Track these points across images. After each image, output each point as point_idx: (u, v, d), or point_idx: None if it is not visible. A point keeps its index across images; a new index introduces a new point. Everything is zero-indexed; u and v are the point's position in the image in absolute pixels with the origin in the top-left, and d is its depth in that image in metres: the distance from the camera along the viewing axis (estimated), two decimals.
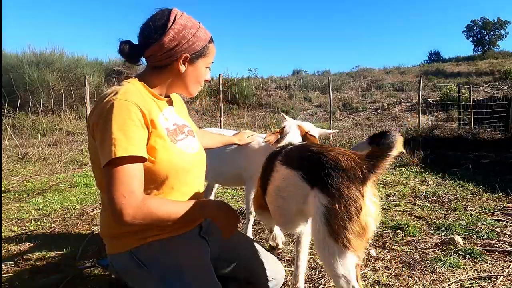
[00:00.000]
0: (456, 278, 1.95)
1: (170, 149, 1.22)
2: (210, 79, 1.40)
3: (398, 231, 2.64)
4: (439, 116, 12.69)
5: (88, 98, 7.55)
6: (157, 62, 1.25)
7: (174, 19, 1.21)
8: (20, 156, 5.96)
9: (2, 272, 2.11)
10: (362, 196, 1.12)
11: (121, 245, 1.25)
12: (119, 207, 1.04)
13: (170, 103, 1.38)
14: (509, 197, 3.46)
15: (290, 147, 1.48)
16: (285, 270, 1.90)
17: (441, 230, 2.66)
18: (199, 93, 13.26)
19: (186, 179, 1.30)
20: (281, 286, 1.72)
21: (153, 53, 1.22)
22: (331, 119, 9.44)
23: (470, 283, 1.91)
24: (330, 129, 2.52)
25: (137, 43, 1.26)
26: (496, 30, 38.54)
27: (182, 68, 1.26)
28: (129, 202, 1.05)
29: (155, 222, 1.14)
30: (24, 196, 3.89)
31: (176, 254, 1.26)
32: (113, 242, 1.28)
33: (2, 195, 3.88)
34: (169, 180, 1.23)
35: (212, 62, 1.36)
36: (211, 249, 1.43)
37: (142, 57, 1.27)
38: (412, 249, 2.34)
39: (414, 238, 2.52)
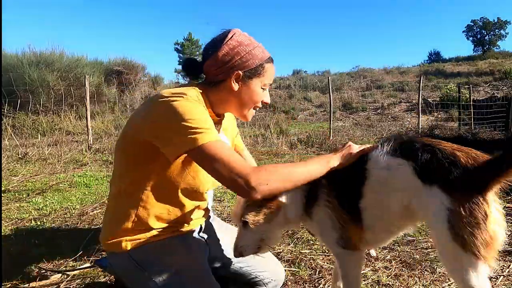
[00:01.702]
0: None
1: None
2: (269, 100, 1.37)
3: None
4: (439, 116, 12.69)
5: (88, 98, 7.54)
6: (212, 77, 1.25)
7: (232, 36, 1.24)
8: (20, 156, 5.96)
9: (2, 272, 2.11)
10: (486, 202, 1.00)
11: (120, 244, 1.25)
12: (241, 177, 1.04)
13: (219, 121, 1.37)
14: (509, 197, 3.45)
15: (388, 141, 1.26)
16: (285, 270, 1.91)
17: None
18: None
19: (196, 195, 1.33)
20: (281, 287, 1.72)
21: (209, 68, 1.25)
22: (331, 119, 9.44)
23: None
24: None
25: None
26: (496, 30, 38.55)
27: (235, 86, 1.25)
28: (245, 169, 1.05)
29: (280, 182, 1.11)
30: (24, 196, 3.89)
31: (174, 256, 1.26)
32: (113, 242, 1.28)
33: (2, 195, 3.87)
34: (179, 193, 1.27)
35: (270, 84, 1.34)
36: (212, 248, 1.43)
37: (201, 73, 1.28)
38: (412, 249, 2.34)
39: (414, 238, 2.52)
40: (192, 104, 1.11)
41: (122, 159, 1.27)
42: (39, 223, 3.06)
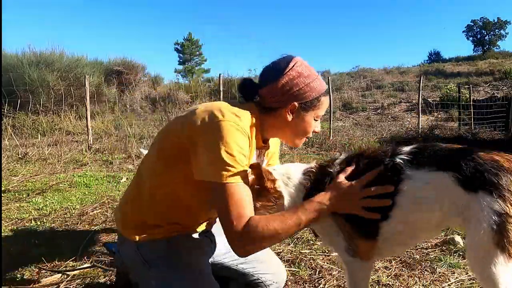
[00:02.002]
0: (456, 278, 1.95)
1: None
2: (319, 130, 1.36)
3: None
4: (439, 116, 12.70)
5: (88, 98, 7.55)
6: (267, 103, 1.24)
7: (293, 66, 1.22)
8: (20, 156, 5.96)
9: (2, 272, 2.11)
10: None
11: (131, 234, 1.27)
12: (235, 232, 1.07)
13: (263, 147, 1.36)
14: None
15: (409, 149, 1.20)
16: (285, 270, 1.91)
17: (441, 230, 2.66)
18: (199, 93, 13.27)
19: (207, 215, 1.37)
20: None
21: (265, 94, 1.23)
22: (331, 119, 9.44)
23: (470, 283, 1.91)
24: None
25: (257, 82, 1.28)
26: (496, 30, 38.57)
27: (289, 116, 1.24)
28: (241, 228, 1.06)
29: (267, 242, 1.13)
30: (24, 196, 3.89)
31: (179, 256, 1.27)
32: (125, 229, 1.30)
33: (2, 195, 3.87)
34: (192, 212, 1.30)
35: (324, 114, 1.34)
36: (216, 247, 1.44)
37: (256, 96, 1.27)
38: (412, 249, 2.34)
39: None
40: (239, 137, 1.10)
41: (155, 155, 1.27)
42: (39, 223, 3.06)
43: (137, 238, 1.26)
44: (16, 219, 3.15)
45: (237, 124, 1.11)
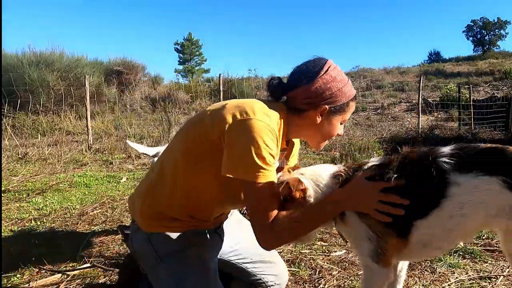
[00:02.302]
0: (456, 278, 1.95)
1: None
2: (343, 133, 1.39)
3: None
4: (439, 116, 12.69)
5: (88, 98, 7.54)
6: (297, 104, 1.25)
7: (327, 70, 1.23)
8: (20, 156, 5.96)
9: (2, 272, 2.11)
10: None
11: (145, 224, 1.27)
12: (262, 228, 1.14)
13: (285, 149, 1.37)
14: None
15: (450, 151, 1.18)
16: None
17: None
18: (199, 93, 13.26)
19: (232, 206, 1.41)
20: None
21: (296, 95, 1.24)
22: None
23: (470, 283, 1.91)
24: None
25: (286, 81, 1.29)
26: (496, 30, 38.57)
27: (318, 119, 1.25)
28: (268, 224, 1.13)
29: (290, 237, 1.23)
30: (24, 196, 3.89)
31: (190, 251, 1.27)
32: (141, 219, 1.30)
33: (2, 195, 3.87)
34: (214, 207, 1.32)
35: (344, 123, 1.36)
36: (225, 245, 1.44)
37: (284, 96, 1.28)
38: None
39: None
40: (269, 136, 1.12)
41: (181, 149, 1.26)
42: (39, 223, 3.06)
43: (151, 229, 1.26)
44: (16, 219, 3.15)
45: (268, 124, 1.12)
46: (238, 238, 1.52)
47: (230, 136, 1.12)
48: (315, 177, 1.25)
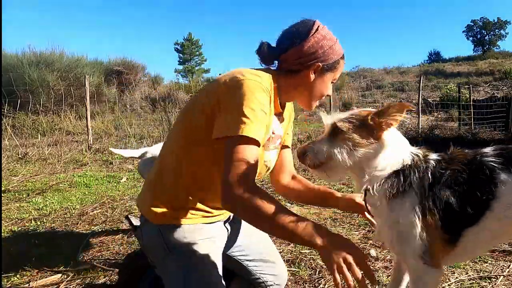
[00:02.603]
0: (456, 278, 1.95)
1: (260, 155, 1.21)
2: (331, 93, 1.40)
3: None
4: (439, 116, 12.69)
5: (88, 98, 7.54)
6: (289, 66, 1.27)
7: (317, 29, 1.25)
8: (20, 156, 5.96)
9: (2, 272, 2.11)
10: None
11: (154, 215, 1.26)
12: (230, 184, 1.03)
13: (281, 114, 1.38)
14: None
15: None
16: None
17: None
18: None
19: None
20: None
21: (288, 57, 1.26)
22: None
23: (470, 283, 1.91)
24: None
25: (276, 45, 1.29)
26: (496, 30, 38.56)
27: (312, 76, 1.27)
28: (240, 183, 1.03)
29: (254, 215, 1.05)
30: (24, 196, 3.89)
31: (199, 245, 1.26)
32: (149, 210, 1.28)
33: (2, 195, 3.87)
34: None
35: (337, 80, 1.36)
36: (229, 240, 1.43)
37: (276, 60, 1.29)
38: None
39: None
40: (260, 93, 1.12)
41: (180, 133, 1.27)
42: (39, 223, 3.06)
43: (161, 221, 1.25)
44: (16, 219, 3.15)
45: (260, 82, 1.13)
46: (242, 234, 1.51)
47: (224, 100, 1.13)
48: (399, 134, 1.20)
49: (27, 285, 2.00)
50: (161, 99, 11.72)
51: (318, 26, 1.26)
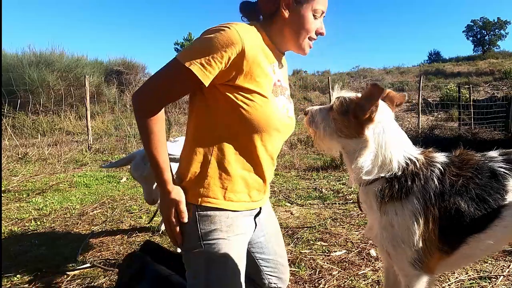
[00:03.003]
0: (456, 278, 1.95)
1: (270, 101, 1.19)
2: (324, 30, 1.31)
3: None
4: (439, 116, 12.68)
5: (88, 98, 7.54)
6: (266, 11, 1.26)
7: None
8: (20, 156, 5.96)
9: (2, 272, 2.11)
10: None
11: (190, 190, 1.21)
12: (140, 92, 1.12)
13: (281, 62, 1.34)
14: None
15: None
16: None
17: None
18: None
19: (273, 137, 1.26)
20: None
21: (261, 4, 1.26)
22: None
23: (470, 283, 1.91)
24: None
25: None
26: (496, 30, 38.54)
27: (286, 13, 1.22)
28: (148, 100, 1.11)
29: (140, 131, 1.14)
30: (24, 196, 3.89)
31: (232, 242, 1.23)
32: (185, 184, 1.23)
33: (2, 195, 3.87)
34: (259, 132, 1.20)
35: (324, 12, 1.29)
36: (253, 235, 1.40)
37: (259, 13, 1.29)
38: None
39: None
40: (225, 35, 1.10)
41: (194, 108, 1.25)
42: (39, 223, 3.06)
43: (199, 199, 1.19)
44: (16, 219, 3.15)
45: (229, 27, 1.11)
46: (263, 232, 1.48)
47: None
48: (387, 135, 1.12)
49: (27, 285, 2.00)
50: None
51: None
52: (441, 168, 1.10)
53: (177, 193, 1.18)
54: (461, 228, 1.06)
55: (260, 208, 1.39)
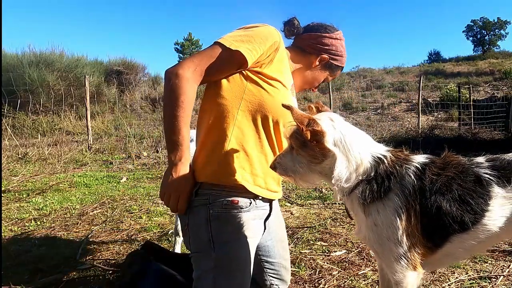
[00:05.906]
0: (456, 278, 1.95)
1: (289, 93, 1.36)
2: (316, 91, 1.63)
3: None
4: (439, 116, 12.69)
5: (88, 98, 7.54)
6: (304, 45, 1.46)
7: (339, 35, 1.49)
8: (20, 156, 5.96)
9: (2, 272, 2.11)
10: None
11: (209, 169, 1.23)
12: (182, 64, 1.18)
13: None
14: None
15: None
16: None
17: None
18: (198, 92, 13.28)
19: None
20: None
21: (307, 38, 1.46)
22: None
23: (470, 283, 1.91)
24: None
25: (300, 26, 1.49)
26: (496, 30, 38.53)
27: (316, 64, 1.46)
28: (188, 69, 1.17)
29: (167, 95, 1.17)
30: (24, 196, 3.89)
31: (241, 243, 1.24)
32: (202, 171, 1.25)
33: (2, 195, 3.88)
34: (279, 115, 1.29)
35: (323, 82, 1.56)
36: (261, 239, 1.41)
37: (294, 36, 1.49)
38: None
39: None
40: (266, 31, 1.27)
41: (210, 95, 1.31)
42: (39, 223, 3.06)
43: (216, 177, 1.22)
44: (16, 219, 3.15)
45: (270, 26, 1.30)
46: (271, 235, 1.50)
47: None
48: (349, 137, 1.12)
49: (27, 285, 1.99)
50: (161, 99, 11.72)
51: (341, 34, 1.50)
52: (419, 166, 1.13)
53: (186, 180, 1.20)
54: (444, 226, 1.09)
55: (270, 210, 1.41)
